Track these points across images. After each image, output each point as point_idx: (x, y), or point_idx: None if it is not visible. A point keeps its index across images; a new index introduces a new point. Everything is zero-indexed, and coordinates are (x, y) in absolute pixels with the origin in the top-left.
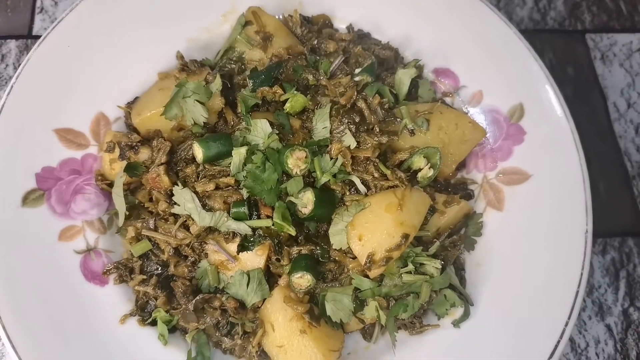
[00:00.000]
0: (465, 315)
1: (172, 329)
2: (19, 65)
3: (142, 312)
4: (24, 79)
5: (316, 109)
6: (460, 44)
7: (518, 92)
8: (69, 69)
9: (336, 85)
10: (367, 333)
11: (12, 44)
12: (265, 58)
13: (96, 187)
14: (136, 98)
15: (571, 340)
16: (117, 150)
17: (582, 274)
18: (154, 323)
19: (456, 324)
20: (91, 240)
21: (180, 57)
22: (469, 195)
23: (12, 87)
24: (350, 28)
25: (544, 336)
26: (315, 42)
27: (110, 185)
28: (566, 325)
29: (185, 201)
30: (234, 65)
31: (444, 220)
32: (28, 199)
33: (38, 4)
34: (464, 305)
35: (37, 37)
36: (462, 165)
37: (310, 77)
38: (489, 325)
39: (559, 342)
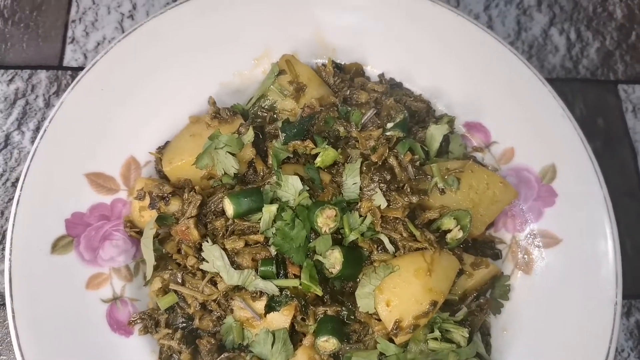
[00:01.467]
0: None
1: None
2: (49, 96)
3: None
4: (57, 123)
5: (347, 162)
6: (492, 98)
7: (551, 152)
8: (101, 112)
9: (367, 138)
10: None
11: (43, 75)
12: (298, 108)
13: (124, 233)
14: (167, 142)
15: None
16: (147, 199)
17: (609, 347)
18: None
19: None
20: (117, 288)
21: (212, 103)
22: (496, 255)
23: (45, 130)
24: (382, 77)
25: None
26: (348, 92)
27: (139, 232)
28: None
29: (215, 258)
30: (265, 114)
31: (471, 283)
32: (57, 245)
33: (69, 34)
34: None
35: (68, 68)
36: (490, 224)
37: (342, 128)
38: None
39: None
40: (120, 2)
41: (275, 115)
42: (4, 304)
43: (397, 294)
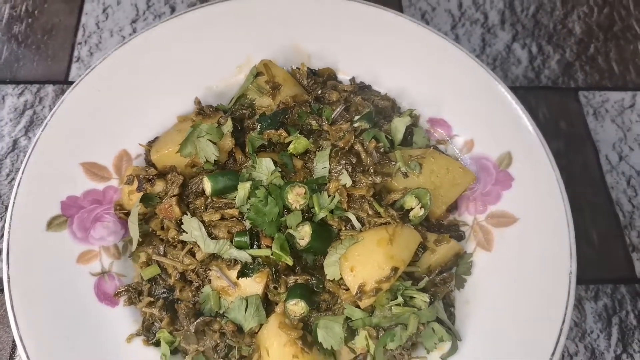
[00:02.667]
0: (453, 349)
1: (174, 351)
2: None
3: (148, 332)
4: (57, 118)
5: (317, 151)
6: (453, 96)
7: (507, 141)
8: (97, 110)
9: (337, 131)
10: None
11: (50, 89)
12: (274, 105)
13: (114, 216)
14: (156, 138)
15: None
16: (135, 183)
17: (565, 313)
18: (157, 344)
19: (444, 358)
20: (106, 264)
21: (197, 102)
22: (460, 236)
23: (46, 124)
24: (352, 80)
25: None
26: (320, 92)
27: (128, 214)
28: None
29: (193, 229)
30: (245, 111)
31: (435, 258)
32: (52, 223)
33: (75, 53)
34: (452, 339)
35: (72, 82)
36: (454, 208)
37: (314, 122)
38: (477, 352)
39: None
40: (121, 27)
41: (253, 112)
42: (2, 289)
43: (361, 260)
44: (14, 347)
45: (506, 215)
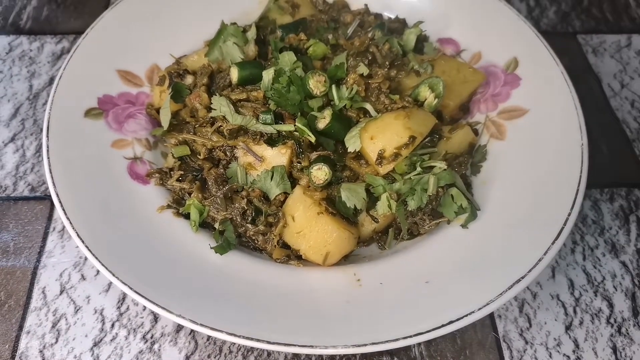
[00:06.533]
0: (473, 215)
1: (203, 224)
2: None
3: (178, 205)
4: (97, 30)
5: (335, 55)
6: (459, 17)
7: (512, 48)
8: (134, 28)
9: (352, 44)
10: (381, 241)
11: None
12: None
13: (147, 115)
14: (184, 55)
15: (587, 274)
16: (167, 83)
17: (580, 175)
18: (187, 217)
19: (464, 224)
20: (138, 152)
21: (222, 22)
22: (474, 132)
23: (86, 34)
24: (366, 6)
25: (549, 225)
26: (335, 14)
27: (159, 112)
28: (569, 215)
29: (221, 105)
30: (268, 27)
31: (450, 144)
32: (89, 113)
33: None
34: (470, 208)
35: None
36: (466, 110)
37: (331, 36)
38: (497, 222)
39: (562, 229)
40: None
41: (275, 28)
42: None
43: (380, 130)
44: (17, 341)
45: (517, 109)
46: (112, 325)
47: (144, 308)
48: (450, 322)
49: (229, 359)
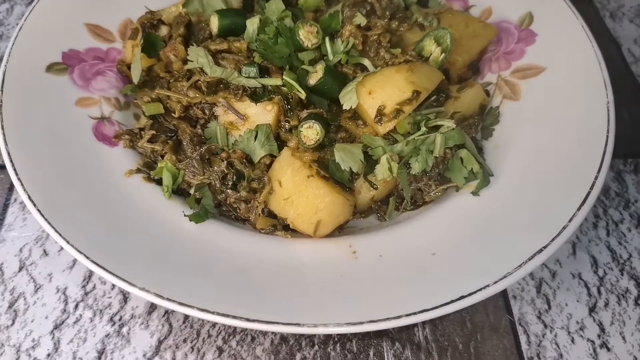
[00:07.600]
0: (485, 181)
1: (177, 191)
2: None
3: (149, 169)
4: None
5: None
6: None
7: (525, 3)
8: None
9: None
10: (380, 211)
11: None
12: None
13: (117, 73)
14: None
15: (611, 250)
16: (139, 37)
17: (607, 135)
18: (159, 182)
19: (475, 191)
20: (106, 111)
21: None
22: (486, 93)
23: None
24: None
25: (573, 190)
26: None
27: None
28: (596, 178)
29: (199, 56)
30: None
31: (459, 103)
32: (52, 68)
33: None
34: (482, 173)
35: None
36: (476, 70)
37: None
38: (513, 189)
39: (589, 193)
40: None
41: None
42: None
43: (380, 84)
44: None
45: (532, 67)
46: (76, 306)
47: (113, 287)
48: (462, 297)
49: (207, 344)
